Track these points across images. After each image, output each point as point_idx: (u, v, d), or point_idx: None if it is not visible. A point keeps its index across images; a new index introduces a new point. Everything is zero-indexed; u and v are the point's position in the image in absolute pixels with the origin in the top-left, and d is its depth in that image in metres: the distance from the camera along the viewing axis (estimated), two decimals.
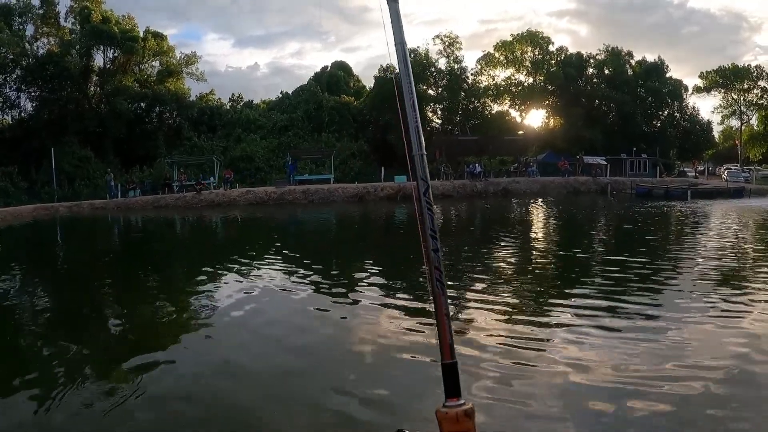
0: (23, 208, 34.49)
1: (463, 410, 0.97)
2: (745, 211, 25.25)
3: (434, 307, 1.03)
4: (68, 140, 47.39)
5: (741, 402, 4.71)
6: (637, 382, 5.08)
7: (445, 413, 0.96)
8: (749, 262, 12.00)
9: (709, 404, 4.66)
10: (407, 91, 0.97)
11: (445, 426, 0.97)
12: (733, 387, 4.99)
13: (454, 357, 1.03)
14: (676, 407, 4.58)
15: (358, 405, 4.88)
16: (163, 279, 12.55)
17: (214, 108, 62.14)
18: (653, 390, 4.89)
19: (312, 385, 5.44)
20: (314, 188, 39.38)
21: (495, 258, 13.66)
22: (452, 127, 60.38)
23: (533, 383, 5.19)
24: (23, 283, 12.30)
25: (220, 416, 4.87)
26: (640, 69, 65.10)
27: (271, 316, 8.20)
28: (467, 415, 0.97)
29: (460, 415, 0.97)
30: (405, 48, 1.17)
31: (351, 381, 5.51)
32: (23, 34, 50.50)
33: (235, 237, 22.17)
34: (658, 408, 4.58)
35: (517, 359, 5.80)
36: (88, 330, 8.10)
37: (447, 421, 0.97)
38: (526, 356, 5.90)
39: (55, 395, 5.38)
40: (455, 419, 0.97)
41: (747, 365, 5.46)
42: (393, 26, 1.17)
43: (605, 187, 42.69)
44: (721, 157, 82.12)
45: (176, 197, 38.84)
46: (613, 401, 4.72)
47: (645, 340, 6.26)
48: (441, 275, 0.95)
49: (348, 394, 5.15)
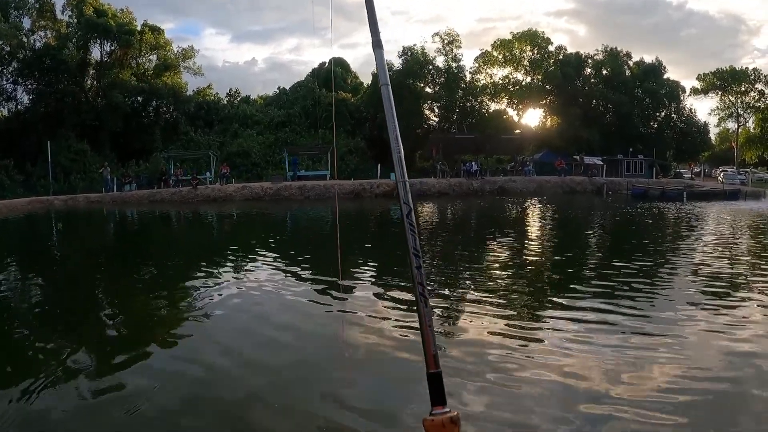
0: (18, 201, 34.42)
1: (449, 417, 0.98)
2: (740, 213, 25.31)
3: (418, 320, 1.04)
4: (64, 133, 47.32)
5: (736, 406, 4.72)
6: (630, 388, 5.08)
7: (431, 421, 0.98)
8: (744, 265, 12.02)
9: (705, 409, 4.66)
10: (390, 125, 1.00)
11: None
12: (729, 391, 4.99)
13: (439, 367, 1.04)
14: (671, 413, 4.58)
15: (347, 409, 4.87)
16: (157, 274, 12.51)
17: (211, 103, 62.12)
18: (647, 395, 4.89)
19: (303, 387, 5.43)
20: (310, 184, 39.36)
21: (486, 259, 13.67)
22: (449, 125, 60.38)
23: (523, 389, 5.18)
24: (16, 276, 12.28)
25: (210, 416, 4.86)
26: (638, 70, 65.23)
27: (265, 315, 8.18)
28: (453, 422, 0.98)
29: (446, 423, 0.98)
30: (389, 89, 1.19)
31: (342, 384, 5.50)
32: (20, 26, 50.31)
33: (230, 232, 22.14)
34: (652, 415, 4.58)
35: (506, 365, 5.79)
36: (80, 325, 8.07)
37: (433, 428, 0.98)
38: (516, 362, 5.88)
39: (47, 391, 5.36)
40: (441, 426, 0.98)
41: (743, 369, 5.47)
42: (378, 69, 1.20)
43: (601, 188, 42.74)
44: (717, 159, 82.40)
45: (172, 192, 38.81)
46: (605, 407, 4.72)
47: (639, 344, 6.25)
48: (424, 290, 0.97)
49: (338, 397, 5.14)
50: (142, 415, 4.88)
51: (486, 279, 10.75)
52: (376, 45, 1.19)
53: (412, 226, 0.93)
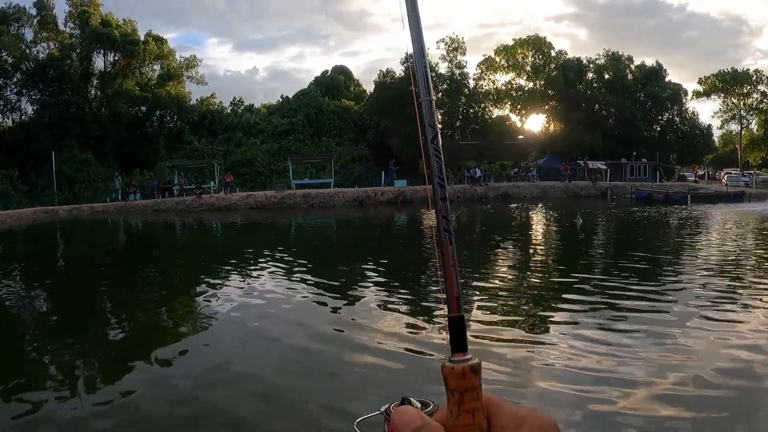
0: (23, 211, 34.51)
1: (470, 365, 0.94)
2: (745, 215, 25.24)
3: (441, 258, 1.02)
4: (69, 144, 47.49)
5: (740, 407, 4.71)
6: (635, 390, 5.07)
7: (451, 368, 0.93)
8: (750, 267, 11.98)
9: (711, 412, 4.66)
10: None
11: (451, 381, 0.94)
12: (733, 392, 4.99)
13: (461, 311, 1.02)
14: (676, 415, 4.58)
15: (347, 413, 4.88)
16: (163, 283, 12.53)
17: (215, 112, 62.22)
18: (653, 395, 4.89)
19: (307, 395, 5.43)
20: (314, 192, 39.39)
21: (492, 263, 13.66)
22: (452, 131, 60.39)
23: (529, 391, 5.18)
24: (21, 286, 12.31)
25: (214, 420, 4.87)
26: (640, 73, 65.19)
27: (269, 323, 8.20)
28: (473, 370, 0.94)
29: (467, 370, 0.94)
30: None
31: (345, 389, 5.51)
32: (23, 38, 50.58)
33: (234, 241, 22.16)
34: (659, 413, 4.57)
35: (511, 366, 5.79)
36: (86, 333, 8.10)
37: (453, 376, 0.94)
38: (521, 364, 5.89)
39: (51, 398, 5.40)
40: (461, 374, 0.94)
41: (748, 370, 5.47)
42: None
43: (605, 192, 42.64)
44: (721, 162, 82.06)
45: (176, 201, 38.86)
46: (610, 408, 4.72)
47: (643, 346, 6.24)
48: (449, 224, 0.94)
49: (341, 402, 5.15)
50: (144, 421, 4.90)
51: (493, 283, 10.74)
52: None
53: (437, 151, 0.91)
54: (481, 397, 0.97)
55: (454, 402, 0.96)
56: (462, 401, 0.96)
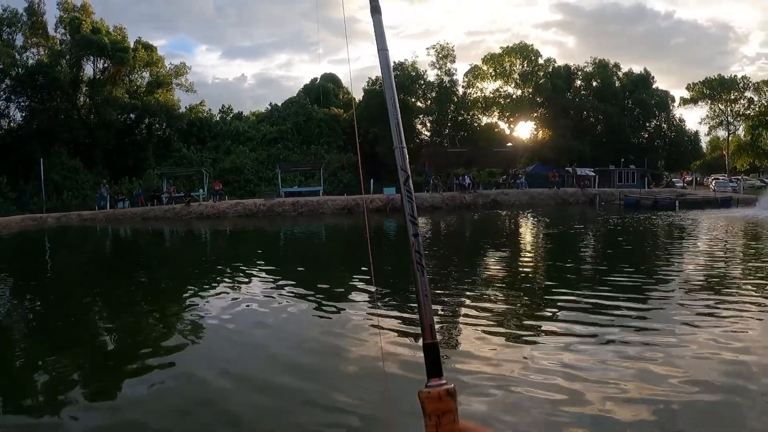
0: (11, 219, 34.28)
1: (445, 389, 1.00)
2: (733, 220, 25.45)
3: (415, 289, 1.08)
4: (57, 150, 47.25)
5: (732, 416, 4.76)
6: (625, 395, 5.12)
7: (427, 392, 0.99)
8: (738, 272, 12.10)
9: (700, 419, 4.71)
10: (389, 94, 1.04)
11: (428, 405, 1.00)
12: (725, 401, 5.03)
13: (435, 337, 1.07)
14: (666, 422, 4.62)
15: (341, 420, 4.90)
16: (151, 292, 12.50)
17: (204, 120, 62.17)
18: (643, 402, 4.93)
19: (298, 401, 5.44)
20: (303, 200, 39.36)
21: (482, 271, 13.72)
22: (441, 139, 60.61)
23: (519, 398, 5.21)
24: (10, 293, 12.24)
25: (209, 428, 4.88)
26: (628, 81, 65.82)
27: (259, 331, 8.20)
28: (449, 394, 1.00)
29: (443, 394, 1.00)
30: (387, 55, 1.24)
31: (335, 396, 5.52)
32: (12, 44, 50.35)
33: (224, 249, 22.11)
34: (648, 422, 4.62)
35: (501, 374, 5.83)
36: (74, 343, 8.06)
37: (429, 400, 1.00)
38: (511, 371, 5.92)
39: (40, 408, 5.38)
40: (437, 398, 1.00)
41: (739, 376, 5.51)
42: (376, 37, 1.24)
43: (593, 199, 42.86)
44: (709, 168, 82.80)
45: (165, 209, 38.72)
46: (600, 415, 4.75)
47: (633, 354, 6.30)
48: (421, 258, 0.99)
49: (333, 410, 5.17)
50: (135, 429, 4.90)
51: (482, 291, 10.78)
52: (374, 10, 1.22)
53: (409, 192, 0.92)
54: (458, 420, 1.02)
55: (432, 425, 1.01)
56: (439, 424, 1.01)
